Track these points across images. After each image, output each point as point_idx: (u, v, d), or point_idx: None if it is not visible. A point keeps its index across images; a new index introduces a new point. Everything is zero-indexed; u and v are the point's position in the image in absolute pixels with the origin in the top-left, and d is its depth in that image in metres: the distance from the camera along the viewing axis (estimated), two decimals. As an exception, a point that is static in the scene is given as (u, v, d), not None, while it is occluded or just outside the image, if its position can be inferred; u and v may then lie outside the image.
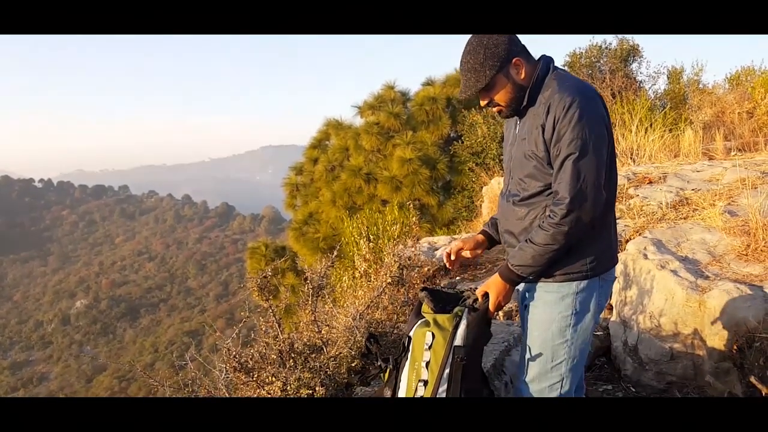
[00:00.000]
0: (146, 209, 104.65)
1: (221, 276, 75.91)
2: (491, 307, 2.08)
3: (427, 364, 2.05)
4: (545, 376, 2.08)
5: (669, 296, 3.22)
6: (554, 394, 2.09)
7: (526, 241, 1.99)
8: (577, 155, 1.84)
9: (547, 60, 2.05)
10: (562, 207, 1.87)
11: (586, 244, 2.00)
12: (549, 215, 1.92)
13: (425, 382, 2.04)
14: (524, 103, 2.02)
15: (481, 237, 2.38)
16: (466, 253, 2.36)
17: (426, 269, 4.80)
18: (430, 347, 2.06)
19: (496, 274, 2.09)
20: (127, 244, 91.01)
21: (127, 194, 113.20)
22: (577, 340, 2.07)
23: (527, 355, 2.11)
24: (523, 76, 2.01)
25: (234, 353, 2.25)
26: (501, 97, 2.02)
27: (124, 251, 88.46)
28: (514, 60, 1.98)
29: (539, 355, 2.07)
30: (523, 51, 2.04)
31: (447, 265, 2.34)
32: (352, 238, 4.93)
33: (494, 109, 2.08)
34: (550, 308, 2.05)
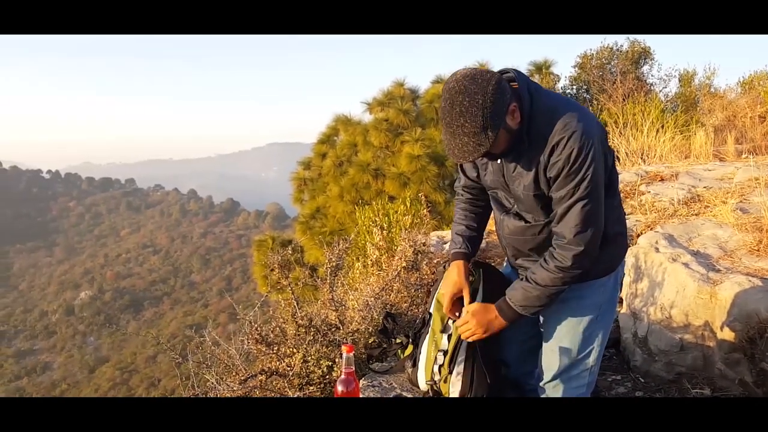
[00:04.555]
0: (152, 203, 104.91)
1: (225, 271, 76.04)
2: (473, 338, 2.01)
3: (449, 336, 2.09)
4: (576, 366, 2.13)
5: (680, 288, 3.24)
6: (584, 380, 2.15)
7: (526, 279, 1.95)
8: (587, 200, 1.80)
9: (522, 81, 1.84)
10: (573, 253, 1.85)
11: (613, 246, 2.06)
12: (556, 258, 1.89)
13: (444, 352, 2.07)
14: (516, 145, 1.84)
15: (462, 265, 2.15)
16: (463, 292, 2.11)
17: (436, 261, 4.84)
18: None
19: (494, 310, 2.01)
20: (132, 237, 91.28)
21: (133, 187, 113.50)
22: (607, 326, 2.16)
23: (556, 347, 2.12)
24: (518, 120, 1.81)
25: (255, 326, 2.31)
26: (496, 148, 1.82)
27: (129, 244, 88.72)
28: (510, 108, 1.76)
29: (571, 347, 2.10)
30: (513, 90, 1.80)
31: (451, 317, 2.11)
32: (364, 228, 4.97)
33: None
34: (583, 302, 2.08)
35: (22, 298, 74.98)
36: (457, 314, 2.09)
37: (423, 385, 2.15)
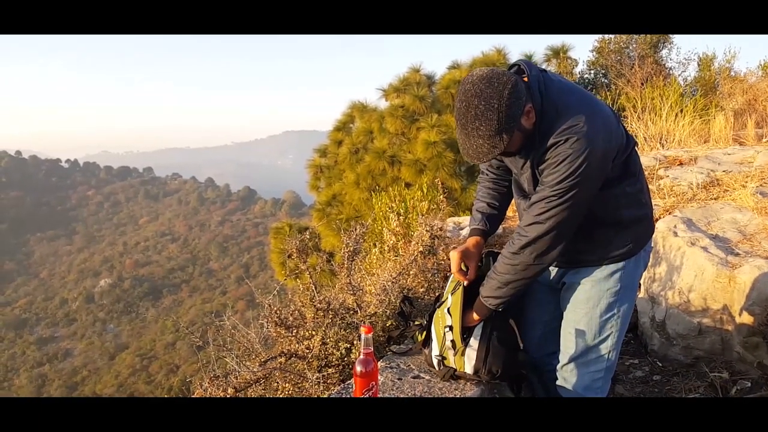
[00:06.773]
0: (170, 191, 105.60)
1: (242, 258, 76.58)
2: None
3: (449, 309, 2.12)
4: (592, 350, 2.12)
5: (699, 272, 3.23)
6: (601, 365, 2.14)
7: (492, 270, 2.03)
8: (556, 198, 1.81)
9: (533, 77, 1.84)
10: (523, 240, 1.89)
11: (628, 231, 2.04)
12: (510, 241, 1.94)
13: (450, 327, 2.10)
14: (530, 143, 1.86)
15: (478, 240, 2.21)
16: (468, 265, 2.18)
17: (452, 247, 4.85)
18: (453, 292, 2.13)
19: (473, 311, 2.11)
20: (151, 225, 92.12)
21: (151, 176, 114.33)
22: (625, 312, 2.12)
23: (571, 331, 2.13)
24: (533, 120, 1.82)
25: (275, 309, 2.35)
26: (511, 148, 1.84)
27: (148, 232, 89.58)
28: (525, 109, 1.78)
29: (586, 331, 2.10)
30: (527, 88, 1.80)
31: (465, 282, 2.16)
32: (381, 214, 4.99)
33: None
34: (599, 285, 2.07)
35: (42, 286, 76.11)
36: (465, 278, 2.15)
37: (435, 362, 2.18)
